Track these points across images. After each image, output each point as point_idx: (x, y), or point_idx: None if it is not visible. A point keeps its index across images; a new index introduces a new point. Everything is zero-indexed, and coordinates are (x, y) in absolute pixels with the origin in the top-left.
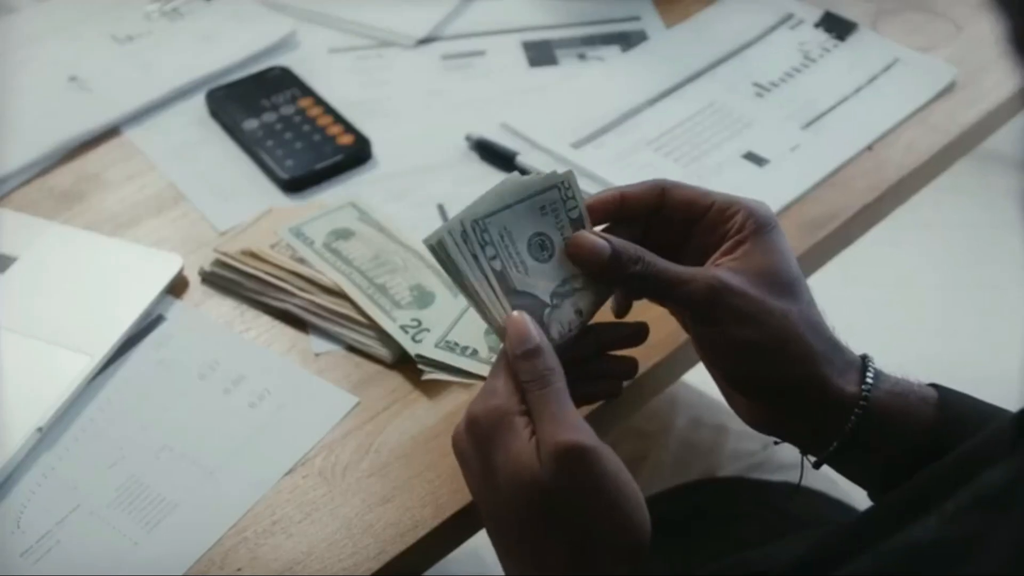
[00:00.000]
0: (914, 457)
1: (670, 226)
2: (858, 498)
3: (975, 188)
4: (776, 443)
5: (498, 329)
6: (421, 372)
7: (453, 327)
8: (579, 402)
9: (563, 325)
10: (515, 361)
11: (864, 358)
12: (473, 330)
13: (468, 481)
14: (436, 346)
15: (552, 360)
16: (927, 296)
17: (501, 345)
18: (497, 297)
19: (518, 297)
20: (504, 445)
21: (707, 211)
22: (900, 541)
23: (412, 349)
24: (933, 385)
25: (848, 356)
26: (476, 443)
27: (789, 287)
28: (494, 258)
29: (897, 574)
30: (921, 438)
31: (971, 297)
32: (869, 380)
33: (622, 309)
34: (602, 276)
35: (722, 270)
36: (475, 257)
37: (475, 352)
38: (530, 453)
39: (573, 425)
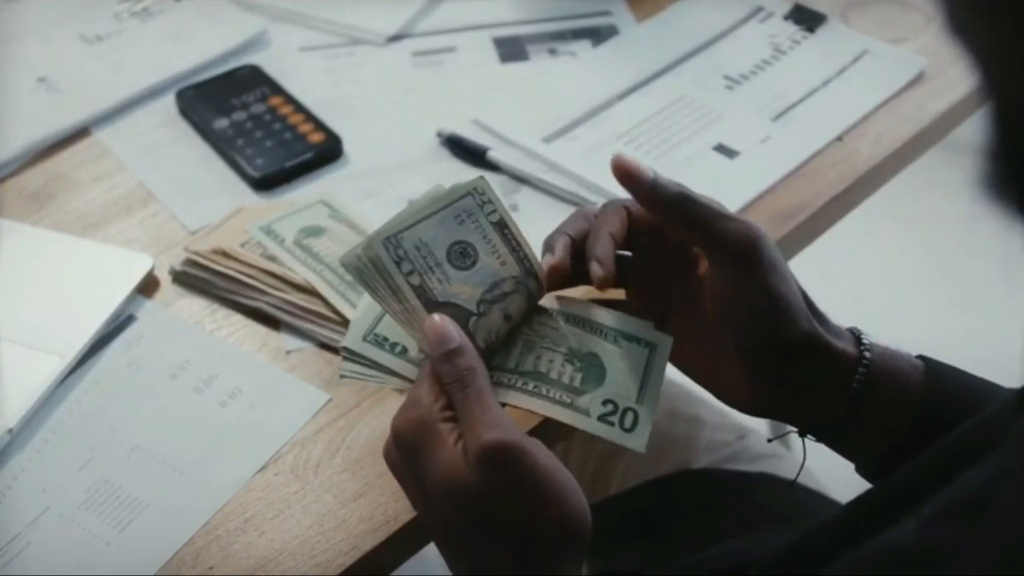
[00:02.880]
0: (907, 425)
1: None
2: (835, 489)
3: (951, 179)
4: (770, 440)
5: (421, 340)
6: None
7: (381, 319)
8: None
9: (490, 333)
10: (435, 363)
11: (852, 329)
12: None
13: (407, 495)
14: (364, 339)
15: (472, 360)
16: (905, 287)
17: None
18: (418, 311)
19: (441, 309)
20: (431, 454)
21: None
22: (877, 545)
23: (339, 342)
24: (919, 357)
25: (835, 325)
26: (404, 456)
27: None
28: (411, 273)
29: None
30: (913, 399)
31: (950, 287)
32: (866, 342)
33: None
34: (646, 199)
35: None
36: (392, 275)
37: (404, 351)
38: (457, 459)
39: (495, 424)
